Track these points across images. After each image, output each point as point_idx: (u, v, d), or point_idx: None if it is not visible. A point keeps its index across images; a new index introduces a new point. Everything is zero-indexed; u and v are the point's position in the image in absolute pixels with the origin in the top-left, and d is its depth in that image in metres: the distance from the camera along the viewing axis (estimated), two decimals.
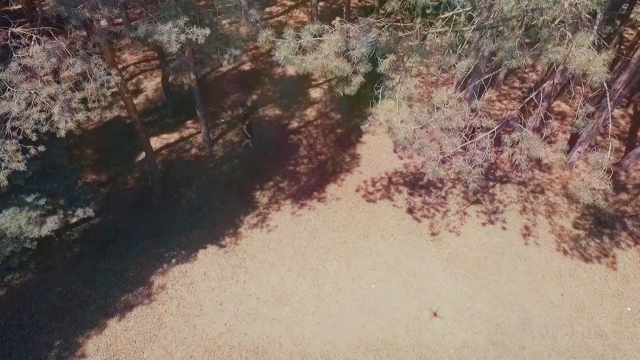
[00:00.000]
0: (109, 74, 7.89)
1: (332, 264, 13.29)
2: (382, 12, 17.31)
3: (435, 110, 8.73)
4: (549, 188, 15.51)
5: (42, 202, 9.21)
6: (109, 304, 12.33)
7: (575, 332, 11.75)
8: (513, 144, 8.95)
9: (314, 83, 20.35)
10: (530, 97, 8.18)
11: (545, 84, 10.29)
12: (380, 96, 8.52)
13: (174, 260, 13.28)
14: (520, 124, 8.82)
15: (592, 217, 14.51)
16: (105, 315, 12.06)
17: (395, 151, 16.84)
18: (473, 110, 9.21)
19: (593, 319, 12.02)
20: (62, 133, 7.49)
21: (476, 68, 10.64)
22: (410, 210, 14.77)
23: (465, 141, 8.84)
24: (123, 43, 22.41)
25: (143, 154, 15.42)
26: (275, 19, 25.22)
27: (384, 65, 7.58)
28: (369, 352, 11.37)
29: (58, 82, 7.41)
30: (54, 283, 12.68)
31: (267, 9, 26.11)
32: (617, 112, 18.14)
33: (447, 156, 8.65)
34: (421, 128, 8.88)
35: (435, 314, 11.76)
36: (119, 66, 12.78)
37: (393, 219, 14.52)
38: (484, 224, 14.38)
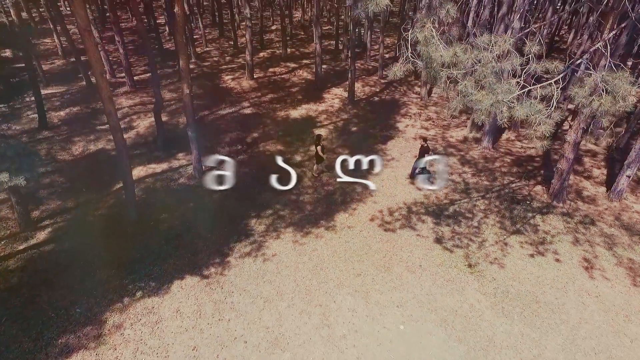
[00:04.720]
0: None
1: (345, 300, 10.14)
2: None
3: (482, 50, 6.97)
4: (599, 219, 13.04)
5: None
6: (39, 348, 8.90)
7: None
8: (588, 93, 7.00)
9: (318, 124, 19.13)
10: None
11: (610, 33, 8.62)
12: (411, 31, 6.86)
13: (139, 294, 10.14)
14: (591, 67, 6.99)
15: None
16: None
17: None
18: (527, 61, 7.49)
19: None
20: None
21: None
22: (438, 240, 12.05)
23: (525, 87, 6.91)
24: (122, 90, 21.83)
25: (122, 184, 13.12)
26: (280, 76, 25.24)
27: None
28: None
29: None
30: None
31: (271, 69, 26.39)
32: None
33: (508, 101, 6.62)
34: (464, 74, 7.03)
35: None
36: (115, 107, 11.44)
37: (419, 249, 11.73)
38: (532, 255, 11.56)
